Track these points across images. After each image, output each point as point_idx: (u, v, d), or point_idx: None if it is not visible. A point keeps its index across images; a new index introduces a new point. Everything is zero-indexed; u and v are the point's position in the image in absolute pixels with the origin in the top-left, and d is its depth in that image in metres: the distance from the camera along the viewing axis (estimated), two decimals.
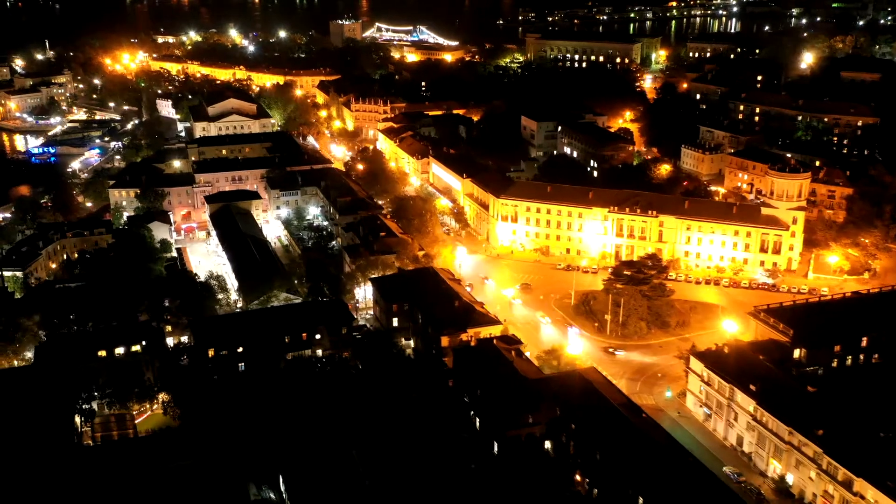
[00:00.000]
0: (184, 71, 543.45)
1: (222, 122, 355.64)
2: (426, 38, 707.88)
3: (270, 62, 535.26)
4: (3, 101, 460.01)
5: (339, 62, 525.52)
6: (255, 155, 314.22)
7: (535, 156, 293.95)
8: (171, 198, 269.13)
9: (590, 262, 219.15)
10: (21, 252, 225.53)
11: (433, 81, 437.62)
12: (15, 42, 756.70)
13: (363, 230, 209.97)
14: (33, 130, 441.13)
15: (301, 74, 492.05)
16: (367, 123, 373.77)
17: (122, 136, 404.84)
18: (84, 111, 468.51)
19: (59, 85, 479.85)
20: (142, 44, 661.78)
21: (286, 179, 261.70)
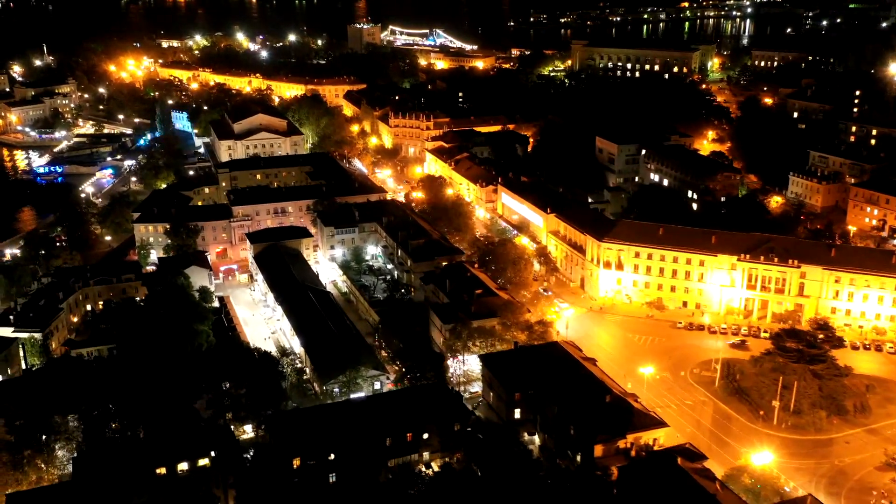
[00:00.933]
0: (195, 78, 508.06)
1: (250, 140, 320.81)
2: (443, 41, 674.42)
3: (289, 69, 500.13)
4: (3, 114, 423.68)
5: (362, 69, 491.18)
6: (294, 180, 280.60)
7: (614, 183, 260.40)
8: (204, 233, 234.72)
9: (712, 318, 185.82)
10: (38, 306, 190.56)
11: (471, 92, 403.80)
12: (11, 47, 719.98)
13: (450, 284, 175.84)
14: (36, 146, 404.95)
15: (324, 83, 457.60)
16: (408, 141, 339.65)
17: (134, 152, 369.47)
18: (91, 124, 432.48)
19: (62, 95, 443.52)
20: (146, 49, 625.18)
21: (340, 213, 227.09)
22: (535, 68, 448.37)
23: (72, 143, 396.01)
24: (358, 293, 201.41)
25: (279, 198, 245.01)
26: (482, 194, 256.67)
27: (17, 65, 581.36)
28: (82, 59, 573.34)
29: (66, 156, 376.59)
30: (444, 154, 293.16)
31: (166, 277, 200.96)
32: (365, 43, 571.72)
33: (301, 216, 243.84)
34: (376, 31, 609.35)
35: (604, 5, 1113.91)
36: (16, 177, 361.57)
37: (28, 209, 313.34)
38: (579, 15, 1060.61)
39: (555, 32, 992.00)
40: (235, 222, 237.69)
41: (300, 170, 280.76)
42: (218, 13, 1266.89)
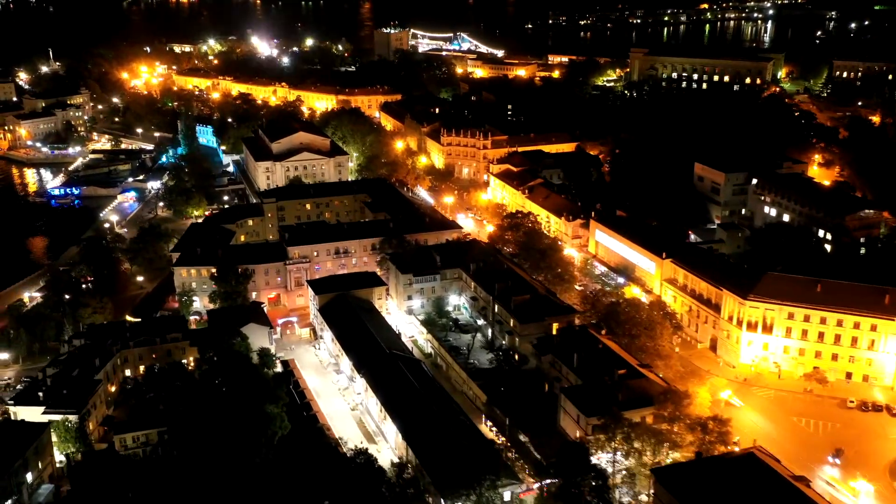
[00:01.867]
0: (215, 87, 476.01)
1: (291, 161, 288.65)
2: (469, 45, 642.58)
3: (316, 78, 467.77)
4: (12, 127, 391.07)
5: (394, 78, 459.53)
6: (346, 210, 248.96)
7: (720, 217, 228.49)
8: (255, 277, 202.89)
9: (885, 395, 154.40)
10: (72, 379, 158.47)
11: (520, 104, 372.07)
12: (15, 51, 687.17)
13: (578, 357, 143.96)
14: (48, 163, 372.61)
15: (356, 94, 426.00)
16: (463, 160, 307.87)
17: (157, 171, 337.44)
18: (107, 138, 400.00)
19: (75, 107, 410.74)
20: (157, 55, 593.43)
21: (417, 257, 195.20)
22: (587, 77, 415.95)
23: (87, 160, 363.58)
24: (450, 358, 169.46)
25: (340, 235, 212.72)
26: (567, 229, 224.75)
27: (23, 71, 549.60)
28: (91, 65, 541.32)
29: (82, 175, 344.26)
30: (514, 179, 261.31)
31: (220, 338, 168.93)
32: (393, 49, 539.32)
33: (364, 257, 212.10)
34: (404, 36, 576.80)
35: (622, 7, 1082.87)
36: (28, 199, 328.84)
37: (42, 238, 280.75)
38: (598, 16, 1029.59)
39: (574, 35, 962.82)
40: (291, 265, 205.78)
41: (354, 199, 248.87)
42: (222, 14, 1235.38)
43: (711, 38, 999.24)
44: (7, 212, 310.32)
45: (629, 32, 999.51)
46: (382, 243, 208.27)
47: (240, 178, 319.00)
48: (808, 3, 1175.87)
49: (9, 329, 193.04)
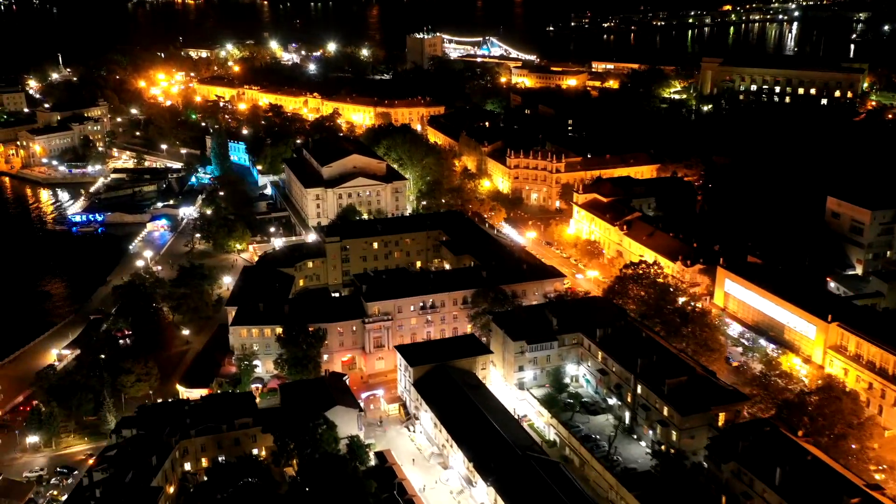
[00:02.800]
0: (240, 97, 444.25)
1: (344, 188, 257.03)
2: (500, 51, 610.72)
3: (349, 87, 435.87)
4: (26, 144, 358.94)
5: (433, 87, 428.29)
6: (418, 248, 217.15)
7: (862, 262, 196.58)
8: (328, 337, 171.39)
9: None
10: (125, 486, 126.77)
11: (581, 119, 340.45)
12: (22, 56, 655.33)
13: (782, 473, 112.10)
14: (66, 183, 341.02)
15: (396, 105, 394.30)
16: (532, 185, 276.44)
17: (188, 194, 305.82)
18: (128, 155, 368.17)
19: (93, 120, 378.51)
20: (174, 60, 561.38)
21: (529, 319, 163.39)
22: (650, 89, 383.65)
23: (108, 180, 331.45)
24: (587, 453, 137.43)
25: (425, 287, 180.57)
26: (683, 275, 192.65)
27: (33, 79, 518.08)
28: (106, 72, 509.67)
29: (104, 197, 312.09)
30: (605, 211, 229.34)
31: (300, 424, 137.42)
32: (427, 55, 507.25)
33: (454, 311, 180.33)
34: (438, 41, 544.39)
35: (644, 8, 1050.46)
36: (46, 227, 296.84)
37: (65, 276, 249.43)
38: (622, 19, 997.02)
39: (597, 38, 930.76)
40: (371, 323, 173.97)
41: (428, 236, 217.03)
42: (229, 17, 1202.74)
43: (736, 41, 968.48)
44: (24, 241, 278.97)
45: (653, 35, 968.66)
46: (476, 297, 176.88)
47: (281, 204, 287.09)
48: (835, 5, 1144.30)
49: (38, 405, 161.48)
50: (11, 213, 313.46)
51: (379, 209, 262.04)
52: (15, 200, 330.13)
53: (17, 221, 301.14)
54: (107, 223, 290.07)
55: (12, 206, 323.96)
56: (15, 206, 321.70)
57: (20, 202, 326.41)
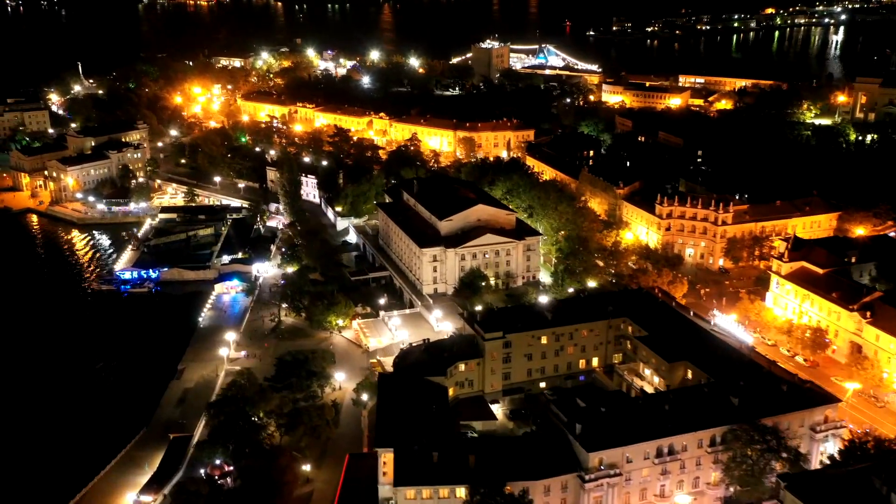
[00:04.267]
0: (292, 117, 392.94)
1: (468, 247, 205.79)
2: (555, 59, 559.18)
3: (417, 105, 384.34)
4: (56, 175, 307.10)
5: (512, 106, 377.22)
6: (595, 342, 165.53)
7: None
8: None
9: None
10: None
11: (709, 149, 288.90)
12: (39, 66, 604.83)
13: None
14: (105, 224, 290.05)
15: (479, 129, 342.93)
16: (688, 239, 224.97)
17: (256, 244, 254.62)
18: (174, 188, 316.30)
19: (133, 146, 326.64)
20: (207, 71, 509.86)
21: (832, 480, 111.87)
22: (782, 111, 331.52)
23: (157, 221, 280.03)
24: None
25: (658, 421, 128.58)
26: None
27: (54, 92, 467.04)
28: (135, 84, 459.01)
29: (153, 244, 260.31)
30: (823, 287, 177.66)
31: None
32: (496, 68, 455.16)
33: (699, 455, 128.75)
34: (505, 52, 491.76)
35: (686, 12, 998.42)
36: (84, 280, 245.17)
37: (119, 363, 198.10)
38: (665, 23, 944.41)
39: (640, 44, 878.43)
40: (591, 482, 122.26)
41: (609, 325, 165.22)
42: (244, 19, 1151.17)
43: (781, 46, 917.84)
44: (61, 304, 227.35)
45: (695, 40, 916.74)
46: (730, 438, 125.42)
47: (375, 259, 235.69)
48: (883, 8, 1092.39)
49: None
50: (42, 263, 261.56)
51: (508, 272, 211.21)
52: (45, 245, 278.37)
53: (49, 275, 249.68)
54: (162, 281, 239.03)
55: (42, 252, 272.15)
56: (46, 254, 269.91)
57: (52, 248, 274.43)
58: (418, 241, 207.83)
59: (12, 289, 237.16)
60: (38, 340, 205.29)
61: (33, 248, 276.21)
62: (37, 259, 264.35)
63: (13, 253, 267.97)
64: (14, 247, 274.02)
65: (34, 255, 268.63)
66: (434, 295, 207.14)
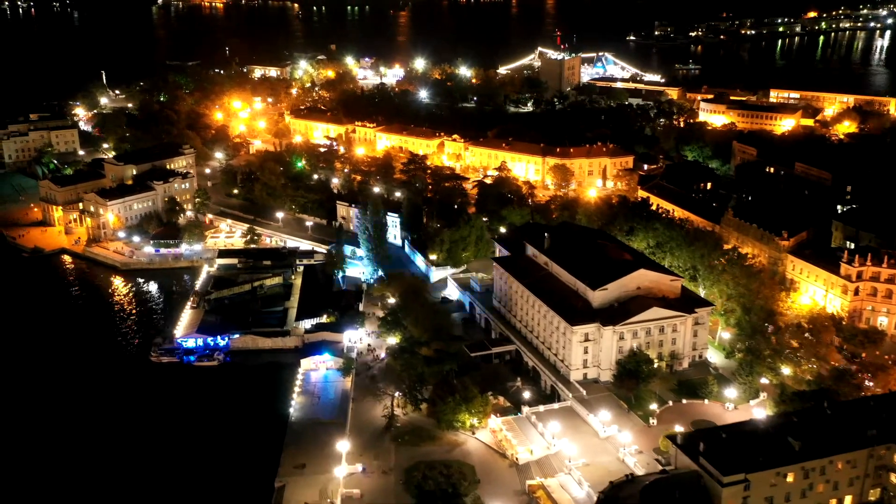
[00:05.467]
0: (350, 137, 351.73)
1: (630, 325, 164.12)
2: (613, 69, 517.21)
3: (492, 124, 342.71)
4: (94, 210, 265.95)
5: (598, 126, 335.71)
6: (853, 476, 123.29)
7: None
8: None
9: None
10: None
11: (862, 184, 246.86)
12: (58, 75, 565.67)
13: None
14: (153, 269, 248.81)
15: (572, 155, 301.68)
16: (879, 305, 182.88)
17: (338, 301, 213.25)
18: (228, 224, 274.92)
19: (180, 175, 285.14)
20: (244, 82, 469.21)
21: None
22: None
23: (215, 269, 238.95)
24: None
25: None
26: None
27: (81, 105, 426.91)
28: (167, 96, 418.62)
29: (214, 298, 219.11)
30: None
31: None
32: (568, 82, 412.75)
33: None
34: (577, 63, 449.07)
35: (727, 15, 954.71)
36: (135, 345, 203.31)
37: (197, 470, 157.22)
38: (708, 27, 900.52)
39: (684, 50, 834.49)
40: None
41: (871, 454, 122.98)
42: (260, 23, 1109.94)
43: (824, 52, 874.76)
44: (110, 376, 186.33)
45: (737, 44, 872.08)
46: None
47: (492, 327, 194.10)
48: None
49: None
50: (82, 319, 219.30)
51: (673, 351, 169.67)
52: (85, 296, 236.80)
53: (92, 335, 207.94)
54: (233, 349, 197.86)
55: (82, 305, 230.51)
56: (86, 307, 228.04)
57: (94, 301, 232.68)
58: (565, 314, 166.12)
59: (50, 353, 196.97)
60: (84, 425, 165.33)
61: (70, 298, 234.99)
62: (76, 314, 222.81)
63: (48, 305, 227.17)
64: (48, 297, 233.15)
65: (72, 307, 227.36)
66: (584, 382, 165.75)
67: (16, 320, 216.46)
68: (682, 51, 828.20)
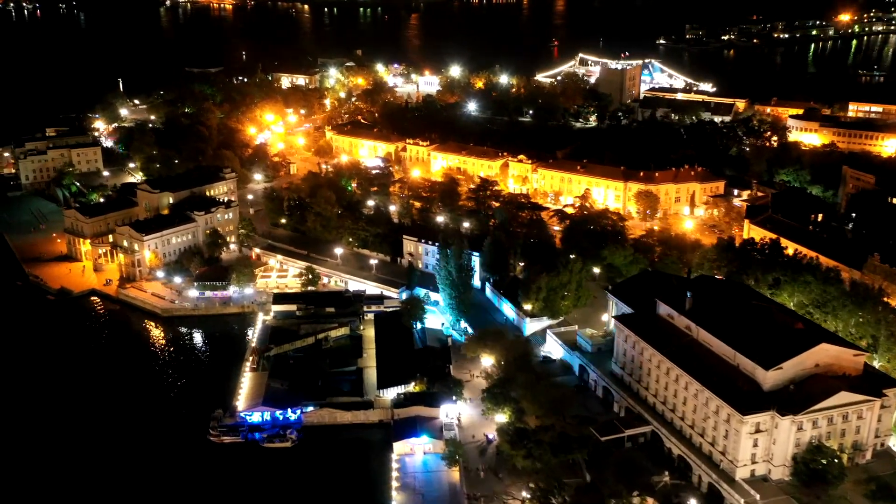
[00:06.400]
0: (400, 156, 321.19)
1: (813, 413, 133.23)
2: (661, 76, 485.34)
3: (559, 142, 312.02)
4: (128, 245, 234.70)
5: (673, 145, 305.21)
6: None
7: None
8: None
9: None
10: None
11: None
12: (71, 83, 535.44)
13: None
14: (198, 317, 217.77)
15: (657, 180, 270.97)
16: None
17: (423, 361, 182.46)
18: (278, 261, 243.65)
19: (223, 205, 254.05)
20: (270, 91, 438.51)
21: None
22: None
23: (271, 315, 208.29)
24: None
25: None
26: None
27: (101, 118, 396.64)
28: (193, 108, 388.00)
29: (273, 354, 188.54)
30: None
31: None
32: (628, 92, 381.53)
33: None
34: (638, 73, 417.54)
35: (757, 18, 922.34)
36: (196, 428, 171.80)
37: None
38: (740, 31, 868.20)
39: (716, 54, 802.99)
40: None
41: None
42: (272, 25, 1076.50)
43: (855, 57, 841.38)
44: (166, 463, 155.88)
45: (769, 48, 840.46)
46: None
47: (615, 399, 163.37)
48: None
49: None
50: (121, 377, 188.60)
51: (856, 442, 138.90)
52: (123, 350, 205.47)
53: (135, 403, 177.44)
54: (306, 424, 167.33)
55: (121, 361, 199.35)
56: (125, 363, 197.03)
57: (134, 355, 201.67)
58: (729, 399, 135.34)
59: (86, 424, 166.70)
60: None
61: (105, 353, 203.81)
62: (114, 373, 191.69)
63: (79, 361, 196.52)
64: (79, 350, 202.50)
65: (109, 365, 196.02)
66: (752, 480, 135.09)
67: (43, 380, 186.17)
68: (715, 55, 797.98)
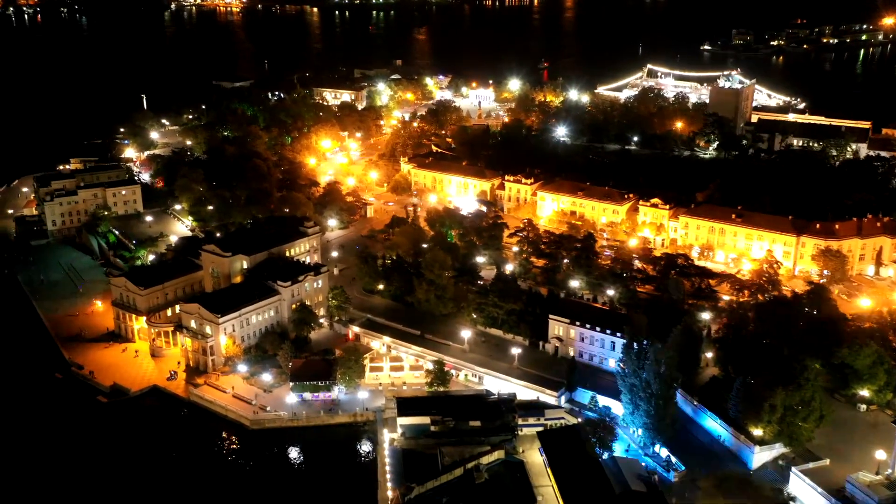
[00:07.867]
0: (496, 196, 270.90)
1: None
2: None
3: (693, 183, 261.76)
4: (198, 326, 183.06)
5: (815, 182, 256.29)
6: None
7: None
8: None
9: None
10: None
11: None
12: (77, 90, 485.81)
13: None
14: (298, 429, 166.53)
15: (841, 234, 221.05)
16: None
17: None
18: (384, 343, 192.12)
19: (313, 271, 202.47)
20: (317, 111, 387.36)
21: None
22: None
23: (398, 432, 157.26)
24: None
25: None
26: None
27: (131, 145, 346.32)
28: (231, 130, 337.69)
29: (414, 496, 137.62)
30: None
31: None
32: (742, 114, 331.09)
33: None
34: (751, 93, 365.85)
35: (802, 23, 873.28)
36: None
37: None
38: (789, 36, 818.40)
39: (765, 61, 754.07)
40: None
41: None
42: (282, 31, 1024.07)
43: None
44: None
45: (817, 54, 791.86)
46: None
47: None
48: None
49: None
50: None
51: None
52: (205, 482, 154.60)
53: None
54: None
55: (195, 491, 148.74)
56: (204, 490, 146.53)
57: (219, 491, 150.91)
58: None
59: None
60: None
61: (180, 487, 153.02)
62: None
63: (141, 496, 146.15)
64: (146, 482, 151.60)
65: None
66: None
67: None
68: (763, 62, 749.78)
